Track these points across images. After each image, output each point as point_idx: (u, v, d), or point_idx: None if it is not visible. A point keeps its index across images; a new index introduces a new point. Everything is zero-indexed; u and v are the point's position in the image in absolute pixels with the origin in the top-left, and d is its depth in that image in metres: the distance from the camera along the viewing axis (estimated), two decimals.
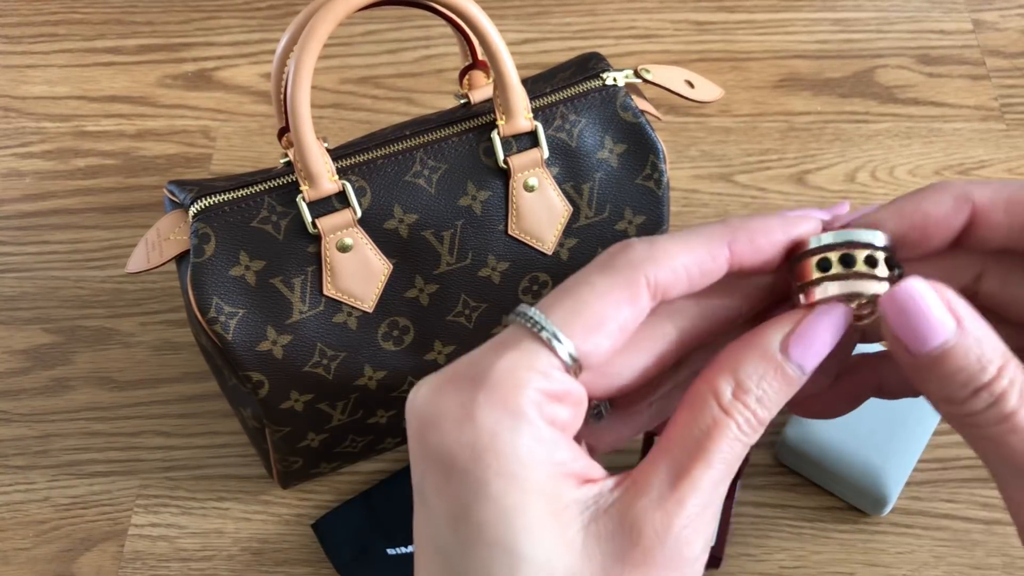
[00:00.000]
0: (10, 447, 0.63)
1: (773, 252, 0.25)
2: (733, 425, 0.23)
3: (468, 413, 0.22)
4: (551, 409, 0.23)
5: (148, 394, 0.64)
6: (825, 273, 0.25)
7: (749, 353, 0.24)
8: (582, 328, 0.23)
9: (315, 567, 0.58)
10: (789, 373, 0.24)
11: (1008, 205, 0.24)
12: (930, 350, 0.23)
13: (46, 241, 0.71)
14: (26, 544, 0.59)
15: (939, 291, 0.23)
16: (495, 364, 0.23)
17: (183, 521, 0.59)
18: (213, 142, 0.75)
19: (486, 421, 0.22)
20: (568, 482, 0.23)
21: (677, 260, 0.24)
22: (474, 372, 0.23)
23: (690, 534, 0.22)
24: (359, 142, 0.50)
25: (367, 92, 0.78)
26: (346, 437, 0.56)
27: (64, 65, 0.81)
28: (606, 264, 0.24)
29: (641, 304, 0.24)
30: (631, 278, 0.24)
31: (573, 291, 0.24)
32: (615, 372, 0.25)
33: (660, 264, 0.24)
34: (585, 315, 0.23)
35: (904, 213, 0.25)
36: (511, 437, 0.22)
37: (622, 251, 0.25)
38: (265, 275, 0.48)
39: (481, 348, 0.24)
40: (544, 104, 0.50)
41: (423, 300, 0.51)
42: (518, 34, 0.80)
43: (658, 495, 0.22)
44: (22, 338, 0.67)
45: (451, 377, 0.23)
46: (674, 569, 0.22)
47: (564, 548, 0.22)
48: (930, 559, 0.56)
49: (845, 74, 0.77)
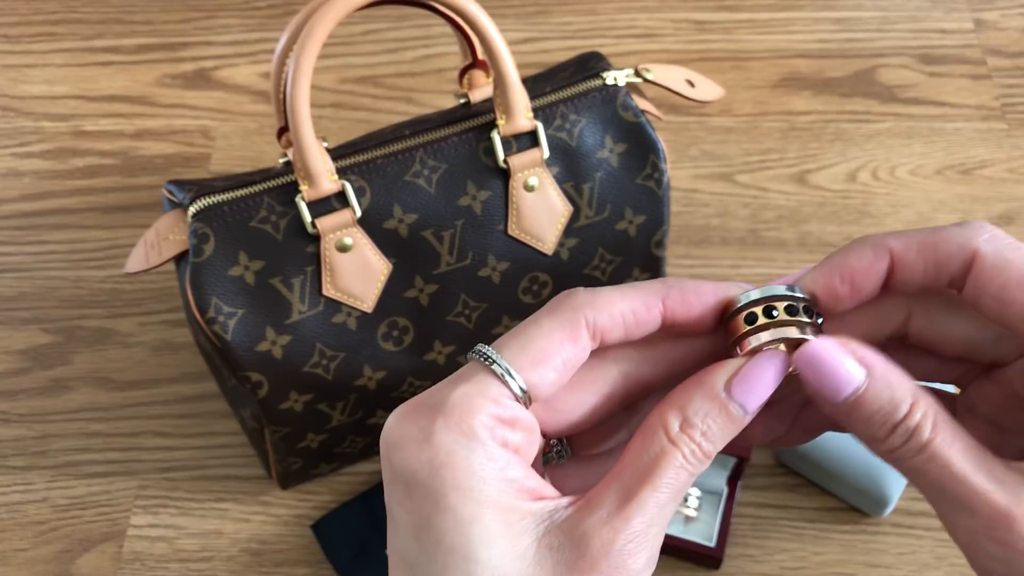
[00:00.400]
0: (9, 448, 0.62)
1: (703, 310, 0.28)
2: (679, 455, 0.26)
3: (427, 435, 0.25)
4: (503, 432, 0.26)
5: (147, 394, 0.64)
6: (753, 325, 0.28)
7: (697, 391, 0.26)
8: (529, 361, 0.26)
9: (314, 568, 0.57)
10: (732, 411, 0.26)
11: (920, 247, 0.27)
12: (845, 399, 0.26)
13: (45, 241, 0.71)
14: (25, 545, 0.59)
15: (844, 344, 0.26)
16: (452, 393, 0.26)
17: (182, 522, 0.59)
18: (212, 142, 0.75)
19: (443, 441, 0.25)
20: (522, 497, 0.26)
21: (615, 307, 0.27)
22: (433, 401, 0.26)
23: (634, 548, 0.25)
24: (359, 142, 0.50)
25: (367, 91, 0.78)
26: (345, 438, 0.56)
27: (63, 64, 0.80)
28: (552, 308, 0.28)
29: (582, 343, 0.27)
30: (573, 319, 0.27)
31: (523, 331, 0.27)
32: (567, 408, 0.28)
33: (599, 309, 0.27)
34: (531, 350, 0.27)
35: (832, 269, 0.28)
36: (465, 454, 0.25)
37: (567, 297, 0.28)
38: (264, 275, 0.48)
39: (442, 382, 0.27)
40: (544, 103, 0.50)
41: (423, 300, 0.50)
42: (518, 33, 0.80)
43: (607, 513, 0.25)
44: (21, 338, 0.67)
45: (415, 406, 0.26)
46: None
47: (517, 555, 0.25)
48: (931, 560, 0.56)
49: (846, 73, 0.77)
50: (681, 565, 0.56)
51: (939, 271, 0.27)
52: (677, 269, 0.67)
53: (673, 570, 0.56)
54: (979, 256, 0.26)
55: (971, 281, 0.26)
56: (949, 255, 0.26)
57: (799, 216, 0.69)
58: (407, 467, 0.25)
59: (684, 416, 0.26)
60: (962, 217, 0.69)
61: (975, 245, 0.26)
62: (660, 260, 0.54)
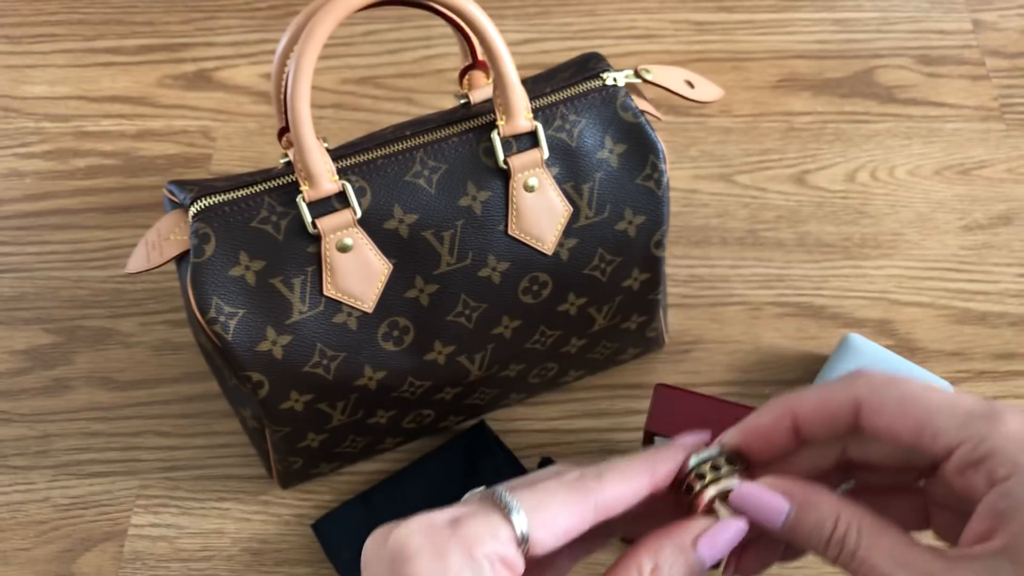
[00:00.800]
0: (10, 447, 0.63)
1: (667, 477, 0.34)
2: None
3: (442, 553, 0.29)
4: (501, 570, 0.30)
5: (148, 394, 0.64)
6: (704, 482, 0.33)
7: (668, 543, 0.31)
8: (540, 523, 0.30)
9: (315, 567, 0.58)
10: (693, 563, 0.31)
11: (814, 407, 0.32)
12: (780, 526, 0.31)
13: (46, 241, 0.71)
14: (26, 544, 0.59)
15: (766, 484, 0.31)
16: (467, 522, 0.30)
17: (183, 521, 0.59)
18: (213, 142, 0.75)
19: (454, 561, 0.29)
20: None
21: (619, 488, 0.32)
22: (448, 525, 0.30)
23: None
24: (359, 142, 0.50)
25: (367, 92, 0.78)
26: (346, 437, 0.56)
27: (64, 65, 0.81)
28: (570, 483, 0.32)
29: (588, 518, 0.32)
30: (586, 499, 0.31)
31: (539, 488, 0.31)
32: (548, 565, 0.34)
33: (606, 492, 0.32)
34: (544, 515, 0.31)
35: (744, 430, 0.34)
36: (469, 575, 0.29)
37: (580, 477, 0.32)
38: (265, 275, 0.48)
39: (457, 507, 0.31)
40: (544, 104, 0.50)
41: (423, 300, 0.51)
42: (518, 34, 0.80)
43: None
44: (22, 338, 0.67)
45: (431, 524, 0.30)
46: None
47: None
48: None
49: (845, 74, 0.77)
50: None
51: (835, 423, 0.32)
52: (677, 269, 0.67)
53: None
54: (861, 405, 0.31)
55: (864, 424, 0.31)
56: (839, 409, 0.31)
57: (798, 216, 0.70)
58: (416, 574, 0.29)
59: (655, 562, 0.31)
60: (960, 217, 0.69)
61: (854, 395, 0.31)
62: (659, 260, 0.54)
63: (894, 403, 0.30)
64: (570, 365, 0.59)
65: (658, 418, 0.53)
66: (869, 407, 0.31)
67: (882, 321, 0.65)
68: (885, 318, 0.65)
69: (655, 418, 0.53)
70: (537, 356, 0.56)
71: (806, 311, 0.65)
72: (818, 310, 0.66)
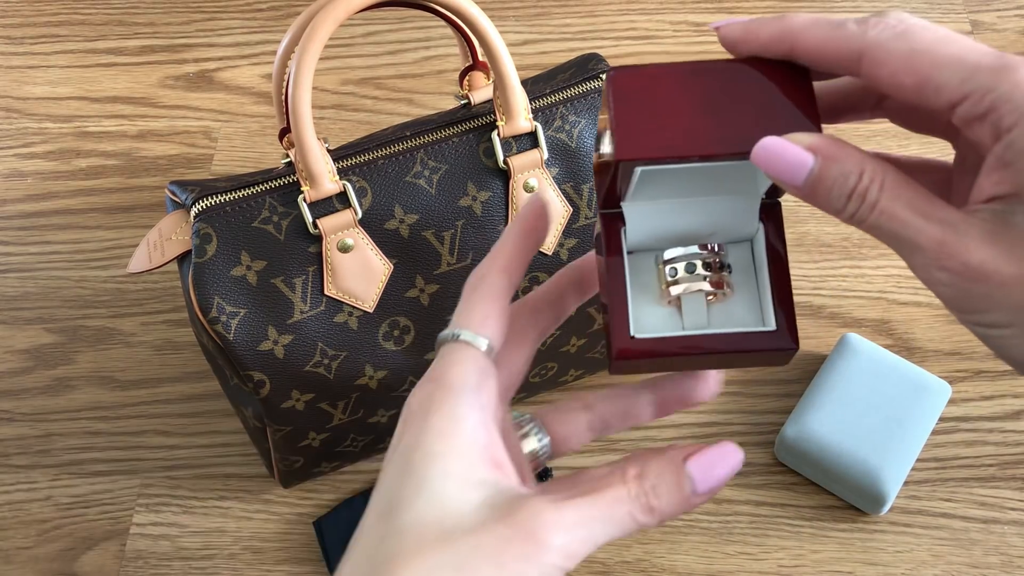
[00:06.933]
0: (12, 446, 0.63)
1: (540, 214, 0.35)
2: (625, 491, 0.30)
3: (429, 393, 0.31)
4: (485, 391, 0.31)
5: (149, 393, 0.65)
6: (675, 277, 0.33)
7: (657, 456, 0.31)
8: (478, 323, 0.32)
9: (316, 566, 0.58)
10: (683, 481, 0.30)
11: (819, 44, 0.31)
12: (803, 182, 0.29)
13: (48, 241, 0.71)
14: (28, 543, 0.59)
15: (791, 137, 0.29)
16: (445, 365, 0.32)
17: (184, 520, 0.60)
18: (214, 143, 0.76)
19: (439, 395, 0.31)
20: (484, 456, 0.30)
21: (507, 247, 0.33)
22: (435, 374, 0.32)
23: (554, 529, 0.28)
24: (360, 143, 0.51)
25: (368, 93, 0.78)
26: (347, 436, 0.56)
27: (66, 66, 0.81)
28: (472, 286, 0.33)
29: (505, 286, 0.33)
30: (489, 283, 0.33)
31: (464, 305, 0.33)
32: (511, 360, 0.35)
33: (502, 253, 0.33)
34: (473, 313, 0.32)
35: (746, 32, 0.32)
36: (453, 403, 0.30)
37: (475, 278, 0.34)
38: (266, 275, 0.48)
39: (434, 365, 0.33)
40: (544, 105, 0.50)
41: (424, 300, 0.51)
42: (518, 35, 0.80)
43: (548, 500, 0.29)
44: (24, 338, 0.67)
45: (424, 380, 0.32)
46: (530, 544, 0.28)
47: (463, 498, 0.29)
48: (928, 558, 0.56)
49: None
50: None
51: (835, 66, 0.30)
52: None
53: None
54: (864, 55, 0.30)
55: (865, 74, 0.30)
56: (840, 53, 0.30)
57: (797, 217, 0.70)
58: (410, 411, 0.31)
59: (642, 470, 0.30)
60: None
61: (860, 45, 0.30)
62: None
63: (899, 56, 0.29)
64: (570, 364, 0.59)
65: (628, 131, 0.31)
66: (872, 58, 0.29)
67: (880, 321, 0.65)
68: (883, 318, 0.66)
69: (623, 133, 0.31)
70: (537, 355, 0.56)
71: (805, 311, 0.66)
72: (817, 310, 0.66)
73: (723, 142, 0.31)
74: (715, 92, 0.32)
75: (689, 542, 0.58)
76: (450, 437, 0.30)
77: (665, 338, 0.32)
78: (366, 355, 0.51)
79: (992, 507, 0.58)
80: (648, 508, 0.30)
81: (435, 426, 0.30)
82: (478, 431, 0.30)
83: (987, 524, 0.57)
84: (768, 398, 0.62)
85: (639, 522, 0.30)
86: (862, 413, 0.57)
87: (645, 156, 0.31)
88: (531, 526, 0.28)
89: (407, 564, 0.28)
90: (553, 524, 0.28)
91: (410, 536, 0.29)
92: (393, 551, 0.29)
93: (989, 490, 0.59)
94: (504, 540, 0.28)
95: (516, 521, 0.28)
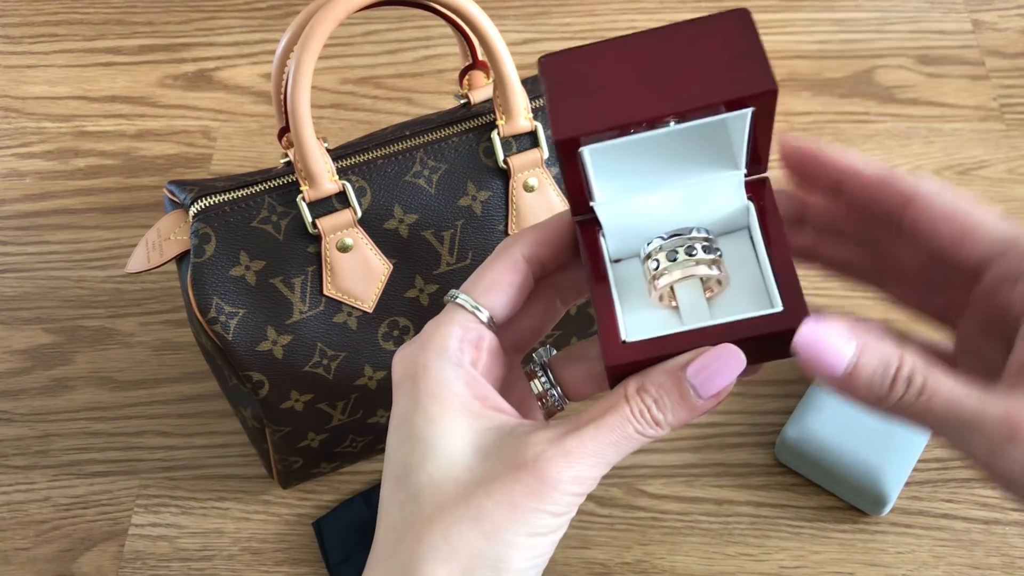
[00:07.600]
0: (10, 447, 0.63)
1: None
2: (627, 410, 0.30)
3: (413, 357, 0.32)
4: (470, 352, 0.32)
5: (148, 394, 0.64)
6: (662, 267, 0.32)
7: (658, 369, 0.30)
8: (482, 290, 0.33)
9: (315, 567, 0.58)
10: (685, 388, 0.30)
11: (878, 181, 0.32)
12: (843, 373, 0.29)
13: (46, 241, 0.71)
14: (26, 544, 0.59)
15: (831, 325, 0.29)
16: (432, 328, 0.33)
17: (183, 521, 0.59)
18: (213, 142, 0.75)
19: (422, 358, 0.32)
20: (483, 406, 0.31)
21: (536, 232, 0.34)
22: (421, 335, 0.33)
23: (559, 463, 0.29)
24: (359, 142, 0.50)
25: (367, 92, 0.78)
26: (346, 437, 0.56)
27: (64, 65, 0.81)
28: (496, 253, 0.34)
29: (522, 268, 0.33)
30: (510, 253, 0.34)
31: (475, 273, 0.34)
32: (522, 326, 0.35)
33: (526, 237, 0.34)
34: (481, 283, 0.33)
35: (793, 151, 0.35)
36: (438, 367, 0.31)
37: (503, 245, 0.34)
38: (265, 275, 0.48)
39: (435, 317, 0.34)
40: (544, 104, 0.50)
41: (423, 300, 0.51)
42: (518, 34, 0.80)
43: (552, 435, 0.30)
44: (22, 338, 0.67)
45: (410, 341, 0.33)
46: (537, 481, 0.29)
47: (469, 450, 0.30)
48: (930, 559, 0.56)
49: (845, 74, 0.77)
50: None
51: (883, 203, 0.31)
52: None
53: None
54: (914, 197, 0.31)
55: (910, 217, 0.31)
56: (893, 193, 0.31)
57: None
58: (398, 381, 0.32)
59: (643, 384, 0.30)
60: None
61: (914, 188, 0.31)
62: None
63: (944, 205, 0.30)
64: None
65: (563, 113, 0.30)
66: (920, 201, 0.30)
67: (881, 321, 0.65)
68: (883, 318, 0.65)
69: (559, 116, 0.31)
70: None
71: None
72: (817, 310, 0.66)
73: (663, 104, 0.29)
74: (652, 60, 0.30)
75: (689, 543, 0.57)
76: (443, 399, 0.31)
77: (661, 337, 0.30)
78: (365, 355, 0.51)
79: (993, 508, 0.58)
80: (653, 422, 0.30)
81: (426, 390, 0.31)
82: (470, 387, 0.32)
83: (988, 525, 0.57)
84: (768, 398, 0.62)
85: (649, 435, 0.30)
86: (863, 414, 0.57)
87: (582, 132, 0.29)
88: (537, 466, 0.29)
89: (430, 527, 0.29)
90: (558, 459, 0.29)
91: (427, 500, 0.30)
92: (414, 517, 0.30)
93: (991, 491, 0.58)
94: (515, 483, 0.29)
95: (521, 463, 0.29)
